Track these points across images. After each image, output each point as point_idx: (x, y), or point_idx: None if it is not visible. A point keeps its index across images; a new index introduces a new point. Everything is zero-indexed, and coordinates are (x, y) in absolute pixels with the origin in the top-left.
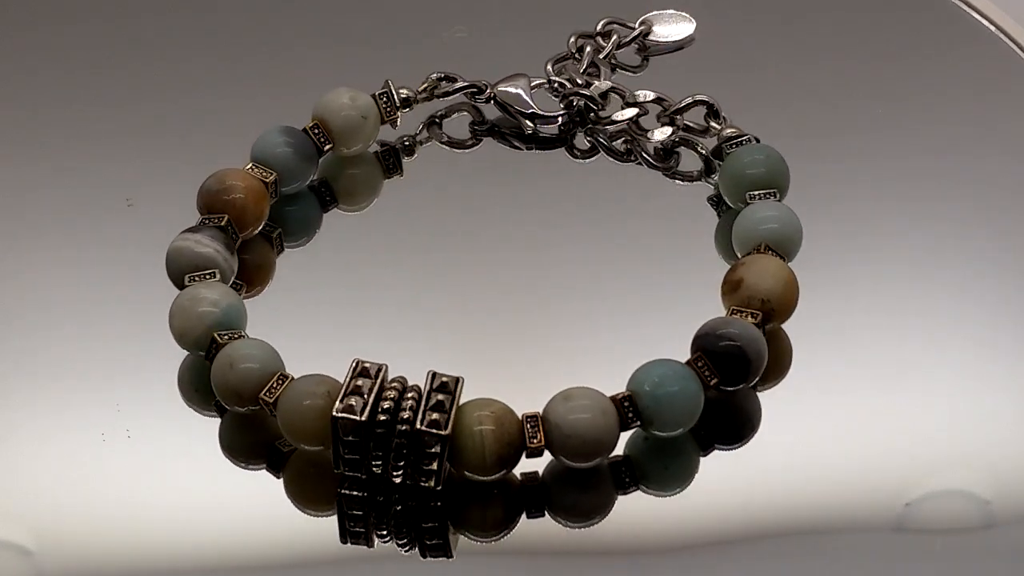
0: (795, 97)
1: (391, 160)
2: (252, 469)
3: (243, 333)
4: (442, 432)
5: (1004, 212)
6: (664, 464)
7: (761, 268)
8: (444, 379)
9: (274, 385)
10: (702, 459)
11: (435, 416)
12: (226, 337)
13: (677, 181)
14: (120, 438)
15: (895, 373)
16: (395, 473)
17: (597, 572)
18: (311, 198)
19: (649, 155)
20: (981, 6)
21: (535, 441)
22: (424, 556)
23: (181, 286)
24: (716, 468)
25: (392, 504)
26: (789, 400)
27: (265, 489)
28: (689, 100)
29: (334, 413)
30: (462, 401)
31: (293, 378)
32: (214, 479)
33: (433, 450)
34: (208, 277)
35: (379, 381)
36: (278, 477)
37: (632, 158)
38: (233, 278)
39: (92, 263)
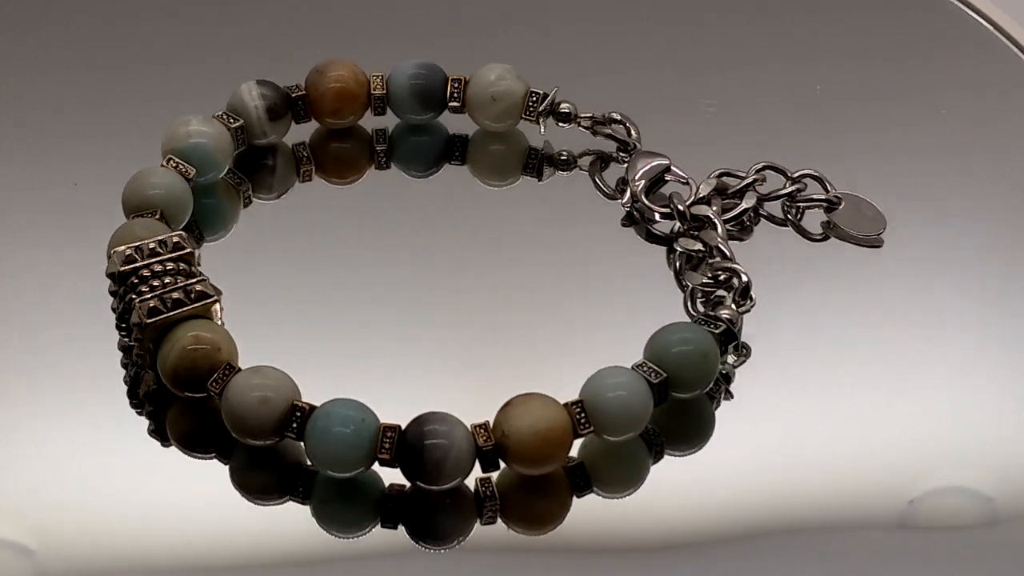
0: (793, 96)
1: (535, 161)
2: None
3: (188, 169)
4: (144, 320)
5: (1004, 211)
6: (322, 498)
7: (532, 408)
8: (201, 288)
9: (141, 215)
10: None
11: (154, 304)
12: (172, 164)
13: None
14: (121, 436)
15: (899, 370)
16: (121, 332)
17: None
18: (439, 142)
19: (689, 300)
20: (980, 6)
21: (215, 385)
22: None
23: None
24: (719, 464)
25: (135, 366)
26: (793, 396)
27: None
28: (729, 266)
29: (110, 251)
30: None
31: (157, 219)
32: (216, 479)
33: (135, 332)
34: (232, 121)
35: (166, 256)
36: None
37: (682, 287)
38: (266, 140)
39: (94, 262)
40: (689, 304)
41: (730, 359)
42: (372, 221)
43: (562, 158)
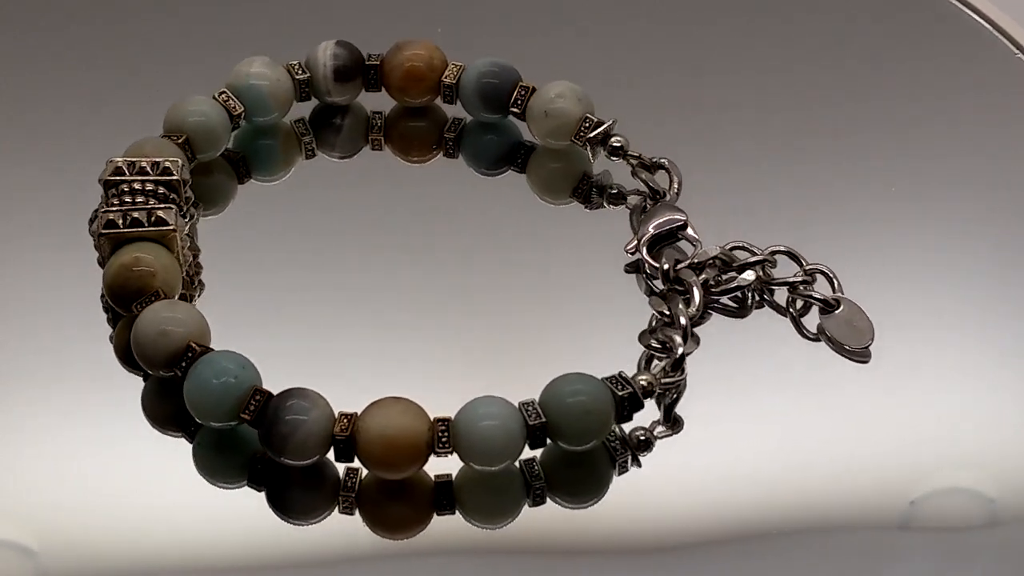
0: (793, 96)
1: (585, 187)
2: None
3: (238, 106)
4: (100, 230)
5: (1004, 211)
6: (201, 442)
7: (391, 412)
8: (162, 215)
9: (172, 137)
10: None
11: (113, 218)
12: (222, 97)
13: None
14: (121, 436)
15: (899, 370)
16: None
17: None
18: (506, 144)
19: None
20: (980, 6)
21: (136, 308)
22: None
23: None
24: (719, 464)
25: None
26: (796, 397)
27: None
28: (672, 335)
29: (109, 159)
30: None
31: (180, 144)
32: None
33: (100, 241)
34: (300, 72)
35: (151, 177)
36: None
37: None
38: (331, 99)
39: (95, 262)
40: (642, 363)
41: (659, 429)
42: (409, 205)
43: (612, 191)
